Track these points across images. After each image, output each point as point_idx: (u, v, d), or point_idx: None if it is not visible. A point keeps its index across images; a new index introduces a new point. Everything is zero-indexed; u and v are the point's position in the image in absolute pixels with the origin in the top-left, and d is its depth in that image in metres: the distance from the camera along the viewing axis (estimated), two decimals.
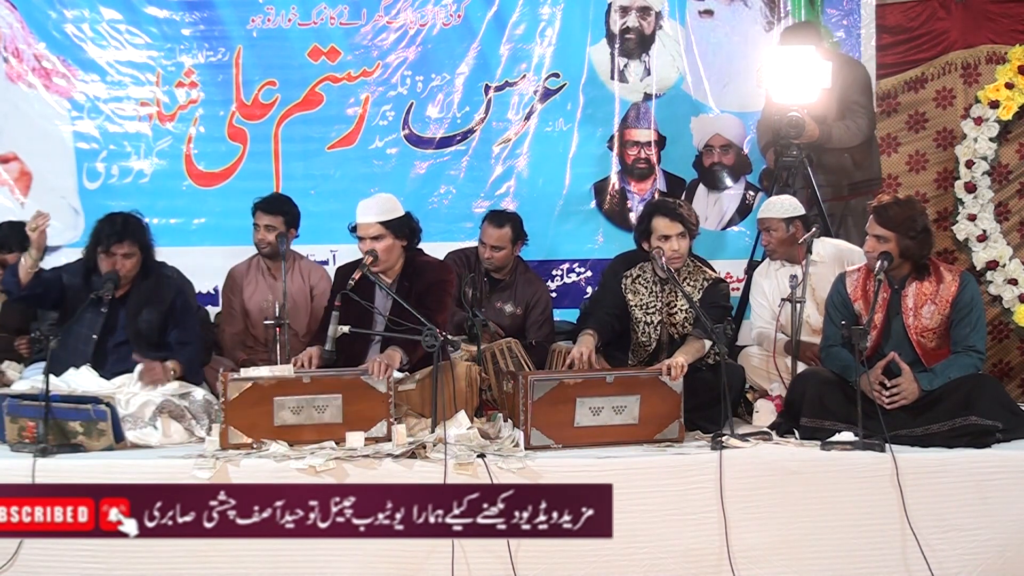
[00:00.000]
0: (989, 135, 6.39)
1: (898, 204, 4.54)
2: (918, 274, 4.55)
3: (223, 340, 5.79)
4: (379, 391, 4.37)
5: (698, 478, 4.09)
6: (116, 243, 4.80)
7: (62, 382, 4.60)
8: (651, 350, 4.92)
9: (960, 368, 4.45)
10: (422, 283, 4.79)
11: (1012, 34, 6.46)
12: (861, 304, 4.61)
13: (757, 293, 5.43)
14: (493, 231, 5.77)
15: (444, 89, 6.64)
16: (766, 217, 5.35)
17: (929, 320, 4.51)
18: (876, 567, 4.07)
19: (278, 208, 5.68)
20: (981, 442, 4.27)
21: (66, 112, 6.59)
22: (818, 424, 4.41)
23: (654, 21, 6.66)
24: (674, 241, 4.83)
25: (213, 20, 6.58)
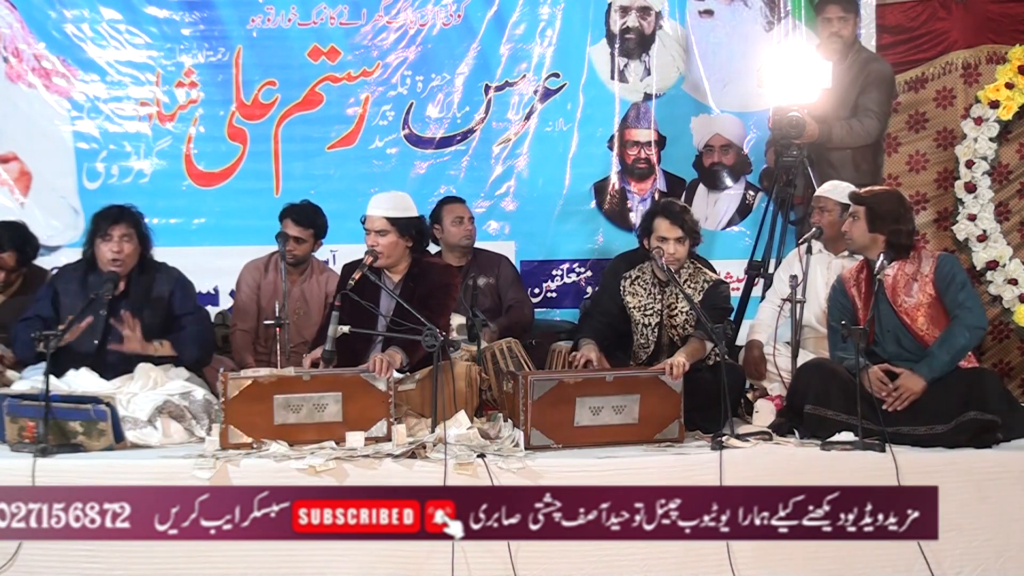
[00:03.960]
0: (989, 135, 6.38)
1: (877, 188, 4.79)
2: (897, 254, 4.61)
3: (233, 338, 5.78)
4: (379, 390, 4.37)
5: (698, 478, 4.08)
6: (113, 225, 4.81)
7: (62, 382, 4.59)
8: (650, 352, 4.92)
9: (951, 343, 4.46)
10: (426, 285, 4.79)
11: (1012, 34, 6.46)
12: (855, 290, 4.68)
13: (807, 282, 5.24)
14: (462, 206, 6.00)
15: (444, 89, 6.64)
16: (824, 196, 5.32)
17: (915, 298, 4.56)
18: (876, 567, 4.06)
19: (310, 222, 5.70)
20: (982, 441, 4.27)
21: (66, 112, 6.59)
22: (821, 413, 4.42)
23: (654, 21, 6.66)
24: (671, 244, 4.83)
25: (213, 20, 6.58)
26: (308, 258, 5.78)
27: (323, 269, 5.92)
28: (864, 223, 4.64)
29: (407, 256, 4.83)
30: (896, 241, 4.61)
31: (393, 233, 4.73)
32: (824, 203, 5.31)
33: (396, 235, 4.74)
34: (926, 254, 4.69)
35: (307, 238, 5.69)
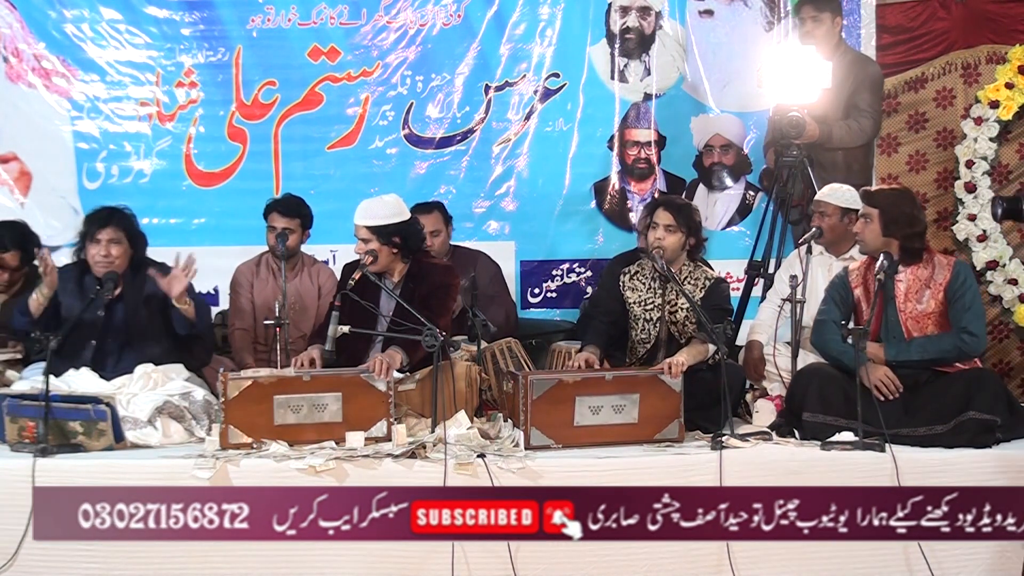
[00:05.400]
0: (989, 135, 6.38)
1: (887, 188, 4.70)
2: (911, 258, 4.57)
3: (232, 339, 5.79)
4: (379, 390, 4.37)
5: (698, 478, 4.09)
6: (100, 229, 4.81)
7: (62, 382, 4.60)
8: (650, 347, 4.90)
9: (938, 346, 4.47)
10: (426, 286, 4.78)
11: (1012, 34, 6.45)
12: (860, 291, 4.65)
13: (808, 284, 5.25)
14: (424, 217, 5.59)
15: (444, 89, 6.65)
16: (823, 200, 5.30)
17: (925, 305, 4.53)
18: (876, 567, 4.06)
19: (296, 211, 5.70)
20: (981, 441, 4.27)
21: (66, 112, 6.60)
22: (820, 420, 4.41)
23: (654, 21, 6.66)
24: (660, 230, 4.80)
25: (213, 20, 6.58)
26: (298, 252, 5.77)
27: (313, 262, 5.92)
28: (878, 226, 4.58)
29: (399, 259, 4.82)
30: (910, 245, 4.57)
31: (375, 241, 4.73)
32: (824, 207, 5.30)
33: (378, 243, 4.73)
34: (941, 261, 4.62)
35: (295, 228, 5.68)
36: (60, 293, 4.85)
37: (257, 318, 5.77)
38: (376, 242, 4.73)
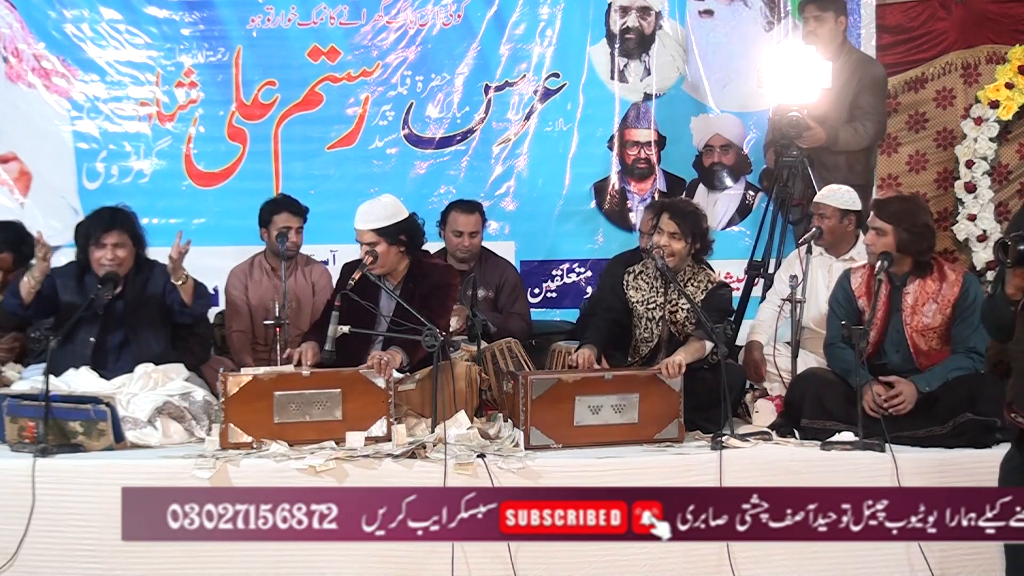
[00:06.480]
0: (989, 135, 6.39)
1: (900, 199, 4.60)
2: (920, 271, 4.54)
3: (230, 341, 5.78)
4: (379, 388, 4.37)
5: (698, 478, 4.09)
6: (105, 232, 4.80)
7: (62, 382, 4.60)
8: (652, 346, 4.90)
9: (958, 369, 4.45)
10: (426, 286, 4.78)
11: (1012, 34, 6.46)
12: (864, 301, 4.60)
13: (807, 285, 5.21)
14: (465, 218, 5.78)
15: (444, 89, 6.64)
16: (822, 202, 5.27)
17: (931, 319, 4.50)
18: (877, 567, 4.06)
19: (301, 209, 5.71)
20: (981, 442, 4.27)
21: (66, 112, 6.59)
22: (819, 425, 4.41)
23: (654, 21, 6.66)
24: (665, 237, 4.79)
25: (213, 20, 6.57)
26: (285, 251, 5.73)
27: (307, 261, 5.90)
28: (892, 241, 4.47)
29: (404, 257, 4.83)
30: (923, 260, 4.52)
31: (383, 243, 4.72)
32: (823, 209, 5.28)
33: (386, 244, 4.73)
34: (949, 275, 4.55)
35: (301, 226, 5.71)
36: (61, 291, 4.85)
37: (254, 319, 5.76)
38: (384, 244, 4.72)
